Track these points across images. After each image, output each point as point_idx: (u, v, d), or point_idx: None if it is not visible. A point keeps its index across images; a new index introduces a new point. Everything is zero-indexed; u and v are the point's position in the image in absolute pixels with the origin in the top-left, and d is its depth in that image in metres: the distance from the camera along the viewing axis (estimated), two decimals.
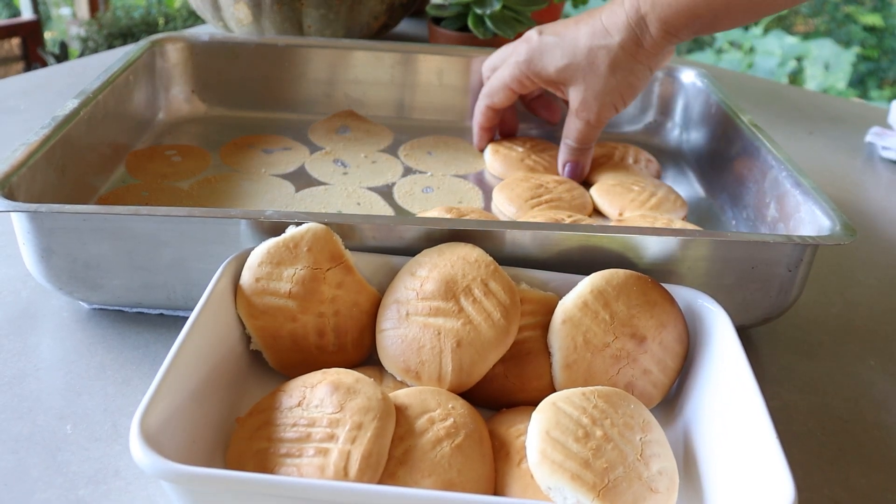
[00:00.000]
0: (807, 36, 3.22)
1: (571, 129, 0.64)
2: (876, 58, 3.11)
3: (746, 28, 3.19)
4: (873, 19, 3.12)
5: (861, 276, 0.61)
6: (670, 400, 0.44)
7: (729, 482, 0.36)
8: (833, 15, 3.27)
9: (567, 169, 0.67)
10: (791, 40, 3.16)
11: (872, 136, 0.87)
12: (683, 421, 0.42)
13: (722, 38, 3.52)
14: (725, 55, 3.24)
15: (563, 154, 0.67)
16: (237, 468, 0.35)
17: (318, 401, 0.36)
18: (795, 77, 3.07)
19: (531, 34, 0.62)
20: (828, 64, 2.96)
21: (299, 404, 0.37)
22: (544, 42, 0.60)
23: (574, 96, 0.61)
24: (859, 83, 3.10)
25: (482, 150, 0.74)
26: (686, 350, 0.43)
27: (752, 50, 3.20)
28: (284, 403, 0.37)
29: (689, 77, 0.78)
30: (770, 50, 3.14)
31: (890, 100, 1.29)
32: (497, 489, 0.37)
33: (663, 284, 0.45)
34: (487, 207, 0.65)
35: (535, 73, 0.62)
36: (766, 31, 3.23)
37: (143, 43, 0.74)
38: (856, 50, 3.11)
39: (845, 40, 3.14)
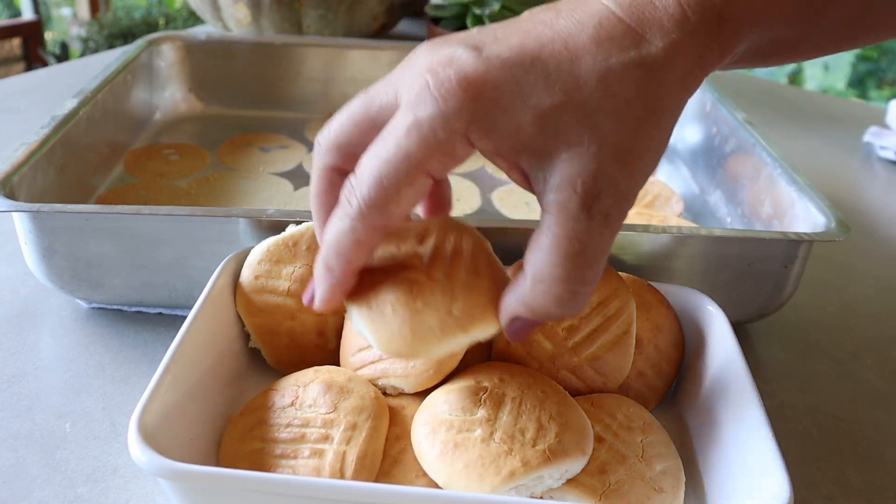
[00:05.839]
0: None
1: (559, 247, 0.29)
2: (875, 58, 3.11)
3: None
4: None
5: (858, 276, 0.62)
6: (668, 400, 0.44)
7: (726, 480, 0.36)
8: None
9: (514, 329, 0.32)
10: None
11: (870, 135, 0.87)
12: (680, 419, 0.42)
13: None
14: None
15: (531, 300, 0.31)
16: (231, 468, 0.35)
17: (312, 400, 0.36)
18: (795, 77, 3.07)
19: (455, 49, 0.29)
20: (827, 64, 2.96)
21: (292, 404, 0.37)
22: (505, 64, 0.29)
23: (567, 171, 0.29)
24: (858, 83, 3.10)
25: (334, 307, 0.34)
26: (682, 356, 0.43)
27: None
28: (277, 403, 0.37)
29: None
30: None
31: (889, 100, 1.29)
32: None
33: (659, 283, 0.45)
34: (485, 204, 0.65)
35: (483, 136, 0.29)
36: None
37: (140, 42, 0.74)
38: (855, 50, 3.11)
39: None
